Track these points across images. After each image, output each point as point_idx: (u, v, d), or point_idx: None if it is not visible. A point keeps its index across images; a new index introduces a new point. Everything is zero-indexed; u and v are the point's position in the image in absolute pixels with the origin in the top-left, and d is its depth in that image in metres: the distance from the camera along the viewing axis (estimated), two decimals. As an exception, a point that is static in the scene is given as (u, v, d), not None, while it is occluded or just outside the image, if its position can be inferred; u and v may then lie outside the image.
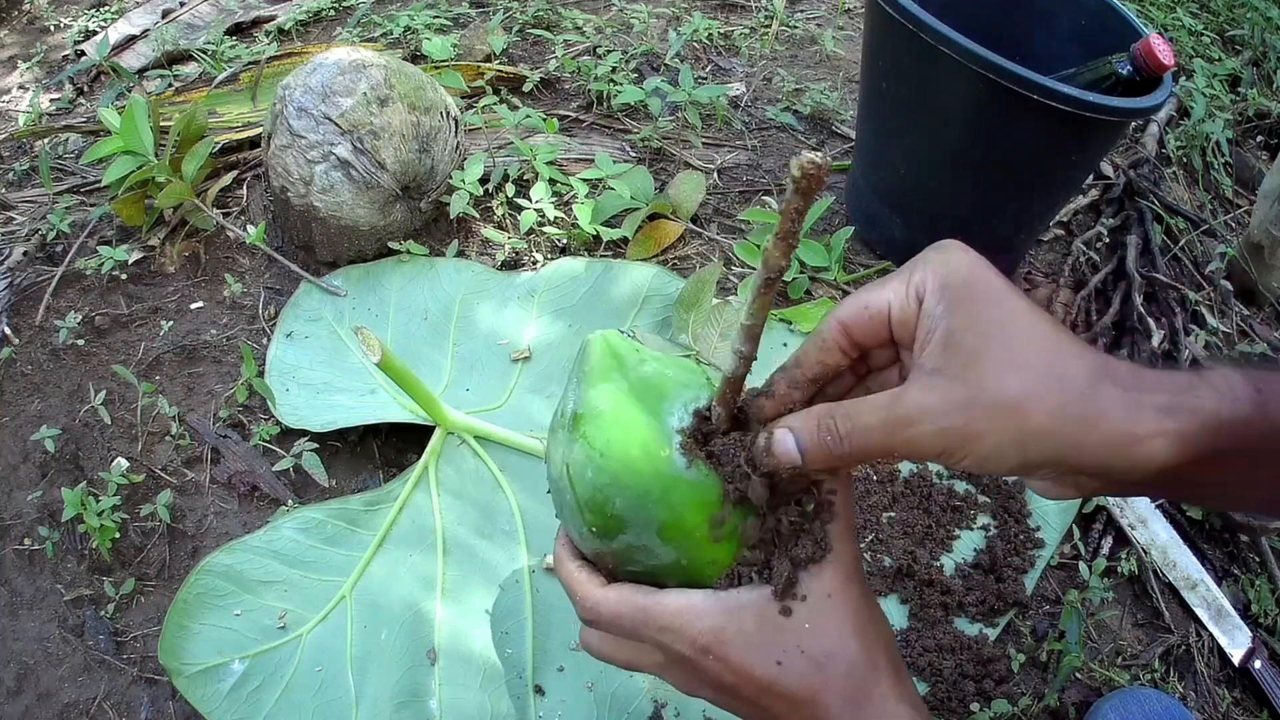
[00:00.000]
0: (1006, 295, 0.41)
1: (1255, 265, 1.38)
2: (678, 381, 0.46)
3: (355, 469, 1.07)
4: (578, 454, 0.45)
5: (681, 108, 1.46)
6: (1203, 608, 1.01)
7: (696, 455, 0.44)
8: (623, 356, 0.46)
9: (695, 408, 0.44)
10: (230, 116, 1.45)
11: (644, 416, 0.44)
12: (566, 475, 0.46)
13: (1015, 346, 0.39)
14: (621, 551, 0.47)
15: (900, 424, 0.40)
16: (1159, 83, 1.03)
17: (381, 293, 1.20)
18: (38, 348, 1.17)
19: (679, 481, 0.43)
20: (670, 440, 0.44)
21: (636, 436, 0.44)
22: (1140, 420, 0.38)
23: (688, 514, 0.44)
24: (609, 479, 0.44)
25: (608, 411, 0.45)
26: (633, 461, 0.44)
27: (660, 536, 0.45)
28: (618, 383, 0.45)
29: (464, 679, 0.88)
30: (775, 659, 0.43)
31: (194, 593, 0.90)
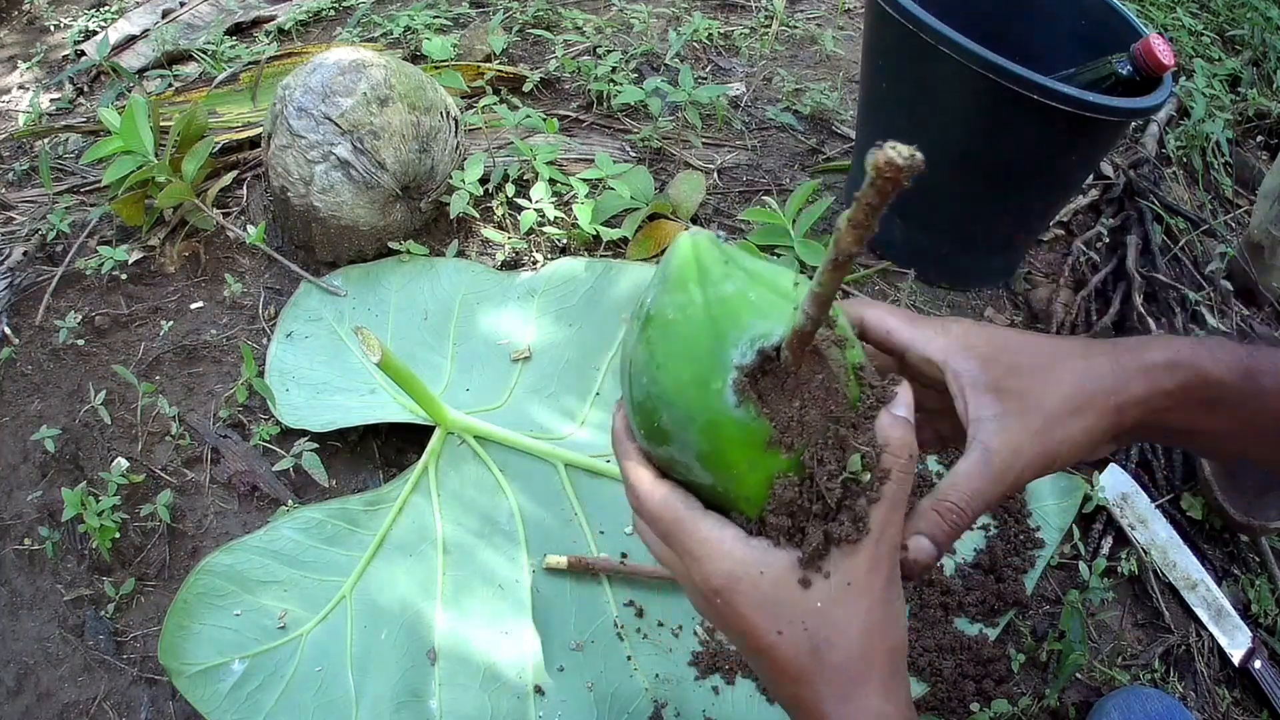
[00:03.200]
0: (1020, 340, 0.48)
1: (1255, 265, 1.38)
2: (756, 309, 0.42)
3: (355, 469, 1.07)
4: (639, 356, 0.44)
5: (681, 108, 1.46)
6: (1203, 608, 1.01)
7: (749, 396, 0.42)
8: (706, 269, 0.43)
9: (762, 345, 0.41)
10: (230, 116, 1.45)
11: (708, 341, 0.42)
12: (627, 370, 0.45)
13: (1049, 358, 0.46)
14: (665, 459, 0.46)
15: (1005, 475, 0.45)
16: (1159, 83, 1.03)
17: (381, 293, 1.20)
18: (38, 348, 1.17)
19: (726, 417, 0.42)
20: (727, 373, 0.41)
21: (693, 360, 0.42)
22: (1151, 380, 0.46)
23: (730, 450, 0.42)
24: (659, 392, 0.43)
25: (674, 324, 0.43)
26: (684, 385, 0.42)
27: (700, 462, 0.44)
28: (692, 296, 0.42)
29: (464, 679, 0.88)
30: (778, 628, 0.43)
31: (194, 593, 0.90)
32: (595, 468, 1.02)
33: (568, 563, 0.94)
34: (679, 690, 0.88)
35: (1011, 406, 0.45)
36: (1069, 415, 0.45)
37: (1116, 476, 1.09)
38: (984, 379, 0.46)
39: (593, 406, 1.08)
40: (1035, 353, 0.47)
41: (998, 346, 0.47)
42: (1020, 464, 0.45)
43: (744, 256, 0.44)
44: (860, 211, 0.33)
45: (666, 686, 0.89)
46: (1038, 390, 0.45)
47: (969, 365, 0.46)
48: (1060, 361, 0.46)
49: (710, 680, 0.89)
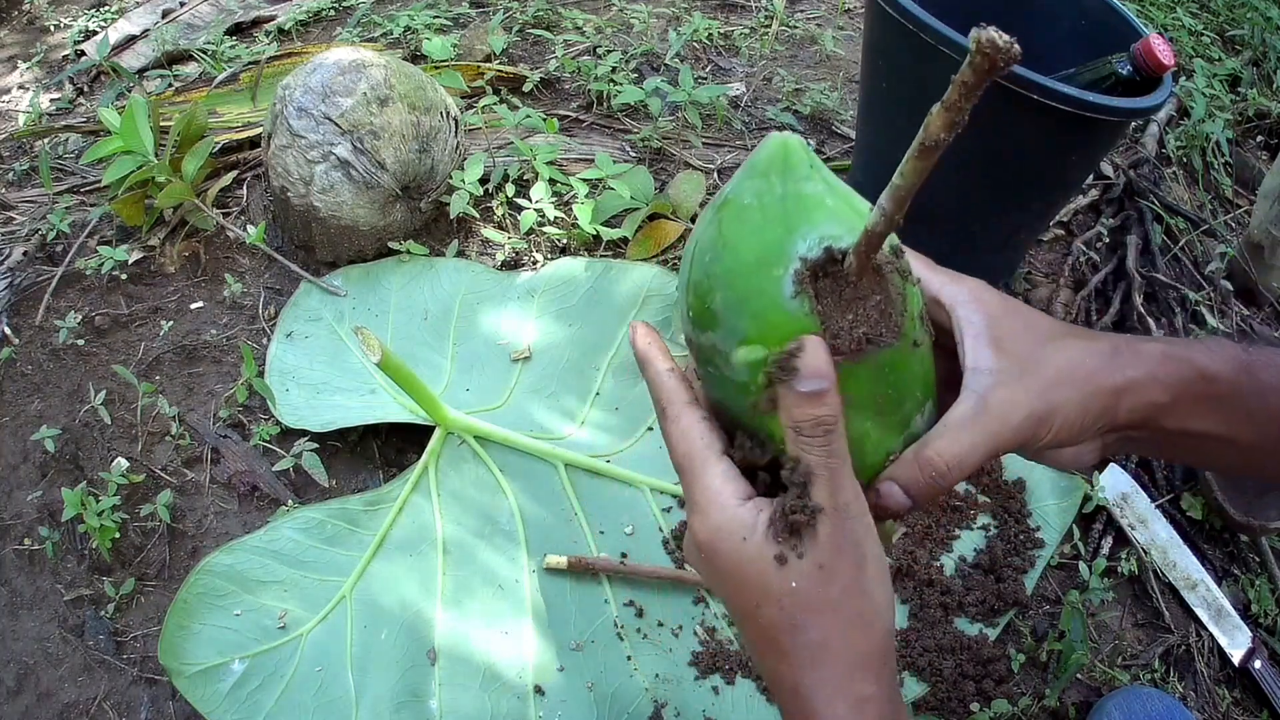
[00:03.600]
0: (1028, 308, 0.48)
1: (1255, 265, 1.38)
2: (831, 213, 0.42)
3: (355, 469, 1.07)
4: (707, 236, 0.44)
5: (681, 108, 1.46)
6: (1203, 608, 1.01)
7: (806, 289, 0.41)
8: (792, 165, 0.42)
9: (830, 245, 0.41)
10: (230, 116, 1.45)
11: (778, 228, 0.42)
12: (692, 250, 0.45)
13: (1049, 332, 0.46)
14: (705, 349, 0.45)
15: (997, 432, 0.43)
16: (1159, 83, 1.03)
17: (381, 293, 1.20)
18: (38, 348, 1.17)
19: (779, 306, 0.41)
20: (790, 263, 0.41)
21: (760, 243, 0.42)
22: (1149, 365, 0.45)
23: (773, 341, 0.42)
24: (720, 271, 0.42)
25: (748, 209, 0.42)
26: (745, 266, 0.42)
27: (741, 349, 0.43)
28: (772, 185, 0.42)
29: (464, 679, 0.88)
30: (755, 600, 0.43)
31: (194, 593, 0.90)
32: (595, 468, 1.02)
33: (568, 563, 0.94)
34: (679, 690, 0.88)
35: (1010, 365, 0.44)
36: (1065, 385, 0.44)
37: (1116, 476, 1.09)
38: (988, 333, 0.45)
39: (593, 406, 1.08)
40: (1039, 323, 0.47)
41: (1006, 309, 0.47)
42: (1012, 423, 0.44)
43: (826, 169, 0.43)
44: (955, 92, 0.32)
45: (666, 686, 0.89)
46: (1038, 356, 0.45)
47: (976, 316, 0.46)
48: (1062, 336, 0.46)
49: (710, 680, 0.89)
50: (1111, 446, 0.49)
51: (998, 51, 0.31)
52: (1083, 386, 0.44)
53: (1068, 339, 0.46)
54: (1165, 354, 0.46)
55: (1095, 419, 0.45)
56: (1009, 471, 1.06)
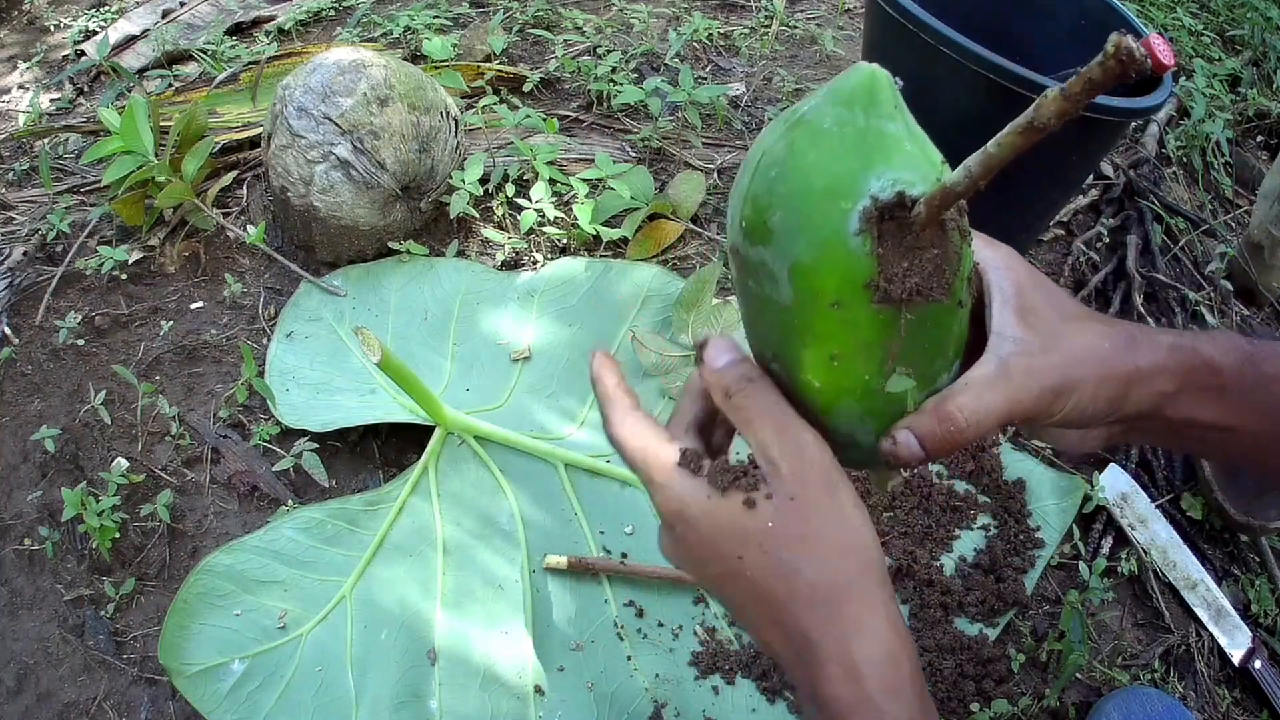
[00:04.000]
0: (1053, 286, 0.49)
1: (1255, 265, 1.38)
2: (908, 157, 0.41)
3: (355, 469, 1.07)
4: (777, 149, 0.43)
5: (681, 108, 1.46)
6: (1203, 608, 1.01)
7: (871, 228, 0.40)
8: (878, 99, 0.41)
9: (904, 189, 0.41)
10: (230, 116, 1.45)
11: (854, 161, 0.41)
12: (756, 160, 0.44)
13: (1073, 313, 0.47)
14: (753, 263, 0.44)
15: (1016, 396, 0.44)
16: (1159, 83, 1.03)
17: (381, 293, 1.20)
18: (38, 348, 1.17)
19: (838, 237, 0.41)
20: (860, 199, 0.40)
21: (833, 173, 0.41)
22: (1157, 355, 0.46)
23: (824, 271, 0.41)
24: (786, 190, 0.42)
25: (827, 133, 0.41)
26: (813, 191, 0.41)
27: (791, 275, 0.42)
28: (856, 117, 0.41)
29: (464, 679, 0.88)
30: (738, 552, 0.43)
31: (194, 593, 0.90)
32: (595, 468, 1.02)
33: (568, 563, 0.94)
34: (679, 690, 0.88)
35: (1033, 337, 0.45)
36: (1083, 366, 0.45)
37: (1116, 476, 1.09)
38: (1015, 301, 0.46)
39: (592, 407, 1.08)
40: (1063, 301, 0.48)
41: (1034, 281, 0.47)
42: (1031, 391, 0.44)
43: (910, 114, 0.43)
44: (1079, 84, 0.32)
45: (666, 686, 0.89)
46: (1060, 332, 0.46)
47: (1006, 283, 0.47)
48: (1084, 317, 0.47)
49: (710, 680, 0.89)
50: (1117, 435, 0.49)
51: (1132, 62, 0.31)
52: (1099, 370, 0.45)
53: (1088, 321, 0.47)
54: (1173, 344, 0.47)
55: (1107, 404, 0.45)
56: (1009, 471, 1.06)
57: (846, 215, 0.40)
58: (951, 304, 0.43)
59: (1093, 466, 1.10)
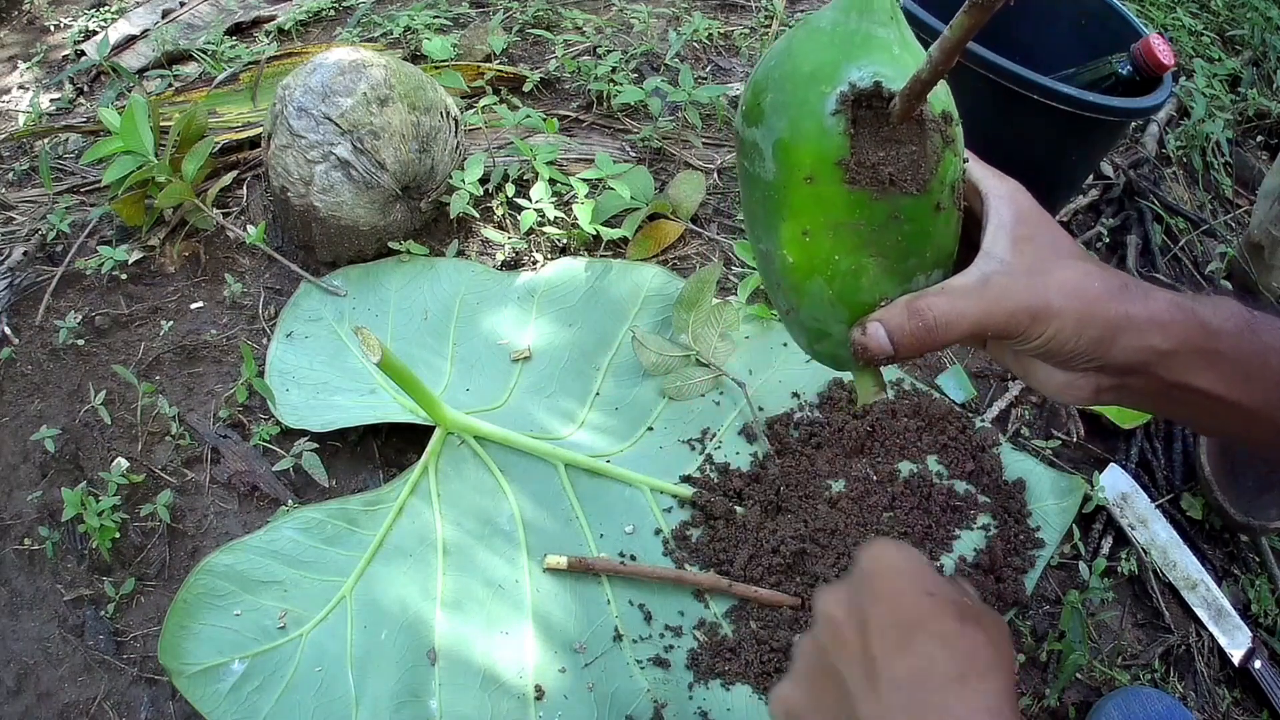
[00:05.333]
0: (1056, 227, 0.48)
1: (1255, 265, 1.38)
2: (894, 58, 0.45)
3: (355, 469, 1.07)
4: (780, 44, 0.47)
5: (681, 108, 1.46)
6: (1203, 608, 1.01)
7: (846, 111, 0.44)
8: (873, 7, 0.45)
9: (880, 80, 0.44)
10: (230, 116, 1.45)
11: (838, 53, 0.44)
12: (765, 55, 0.48)
13: (1068, 251, 0.47)
14: (748, 144, 0.48)
15: (989, 308, 0.44)
16: (1159, 83, 1.03)
17: (381, 293, 1.20)
18: (38, 348, 1.17)
19: (815, 116, 0.44)
20: (839, 84, 0.44)
21: (818, 60, 0.44)
22: (1154, 307, 0.45)
23: (803, 147, 0.45)
24: (777, 75, 0.46)
25: (820, 30, 0.45)
26: (799, 75, 0.45)
27: (775, 150, 0.46)
28: (849, 18, 0.45)
29: (464, 679, 0.88)
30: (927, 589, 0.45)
31: (194, 593, 0.90)
32: (596, 468, 1.02)
33: (568, 563, 0.94)
34: (679, 691, 0.88)
35: (1021, 261, 0.46)
36: (1067, 297, 0.45)
37: (1116, 476, 1.09)
38: (1011, 228, 0.47)
39: (592, 407, 1.08)
40: (1062, 240, 0.48)
41: (1037, 216, 0.48)
42: (1006, 306, 0.44)
43: (909, 30, 0.46)
44: None
45: (667, 687, 0.89)
46: (1050, 263, 0.46)
47: (1006, 210, 0.47)
48: (1080, 258, 0.47)
49: (710, 681, 0.89)
50: (1107, 390, 0.49)
51: None
52: (1084, 305, 0.45)
53: (1084, 261, 0.47)
54: (1172, 301, 0.46)
55: (1090, 344, 0.45)
56: (1009, 471, 1.06)
57: (825, 97, 0.44)
58: (926, 202, 0.45)
59: (1093, 466, 1.10)
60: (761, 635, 0.91)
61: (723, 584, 0.94)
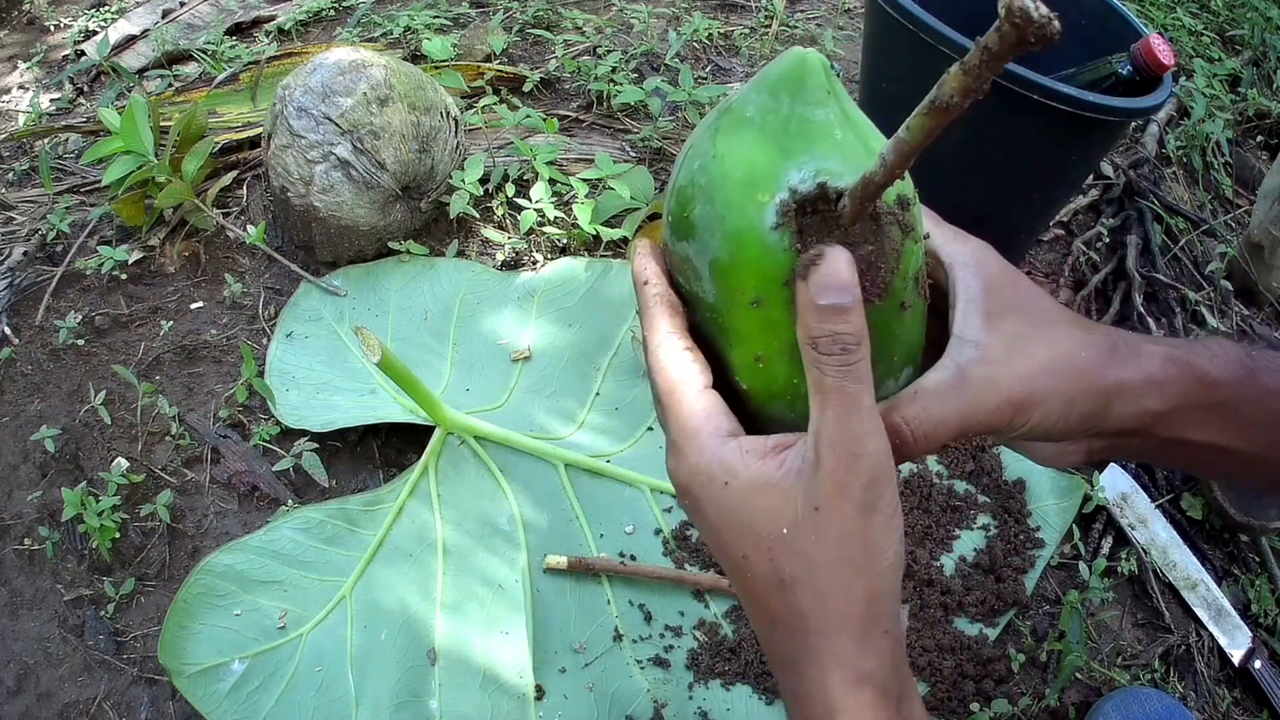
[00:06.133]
0: (1030, 284, 0.44)
1: (1255, 265, 1.38)
2: (836, 147, 0.38)
3: (355, 469, 1.07)
4: (700, 141, 0.41)
5: (681, 108, 1.46)
6: (1203, 608, 1.01)
7: (790, 222, 0.38)
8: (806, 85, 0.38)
9: (826, 180, 0.37)
10: (230, 116, 1.45)
11: (774, 151, 0.38)
12: (685, 154, 0.42)
13: (1051, 323, 0.43)
14: (679, 259, 0.42)
15: (970, 410, 0.40)
16: (1159, 83, 1.03)
17: (381, 293, 1.20)
18: (38, 348, 1.17)
19: (756, 233, 0.38)
20: (778, 190, 0.38)
21: (751, 163, 0.38)
22: (1147, 367, 0.43)
23: (745, 270, 0.39)
24: (705, 181, 0.39)
25: (748, 121, 0.39)
26: (731, 182, 0.38)
27: (711, 272, 0.40)
28: (780, 103, 0.38)
29: (464, 679, 0.88)
30: (743, 550, 0.38)
31: (194, 593, 0.90)
32: (596, 468, 1.02)
33: (568, 563, 0.94)
34: (679, 691, 0.88)
35: (998, 342, 0.41)
36: (1053, 376, 0.41)
37: (1116, 476, 1.09)
38: (982, 302, 0.42)
39: (592, 408, 1.08)
40: (1038, 303, 0.43)
41: (1007, 280, 0.43)
42: (989, 404, 0.40)
43: (848, 98, 0.40)
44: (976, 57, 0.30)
45: (666, 687, 0.89)
46: (1029, 338, 0.41)
47: (974, 281, 0.42)
48: (1060, 322, 0.43)
49: (710, 681, 0.89)
50: (1100, 450, 0.46)
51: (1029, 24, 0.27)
52: (1072, 382, 0.41)
53: (1065, 326, 0.43)
54: (1166, 357, 0.43)
55: (1081, 419, 0.42)
56: (1009, 471, 1.06)
57: (763, 209, 0.38)
58: (889, 305, 0.39)
59: (1093, 466, 1.10)
60: (761, 635, 0.91)
61: (723, 584, 0.94)
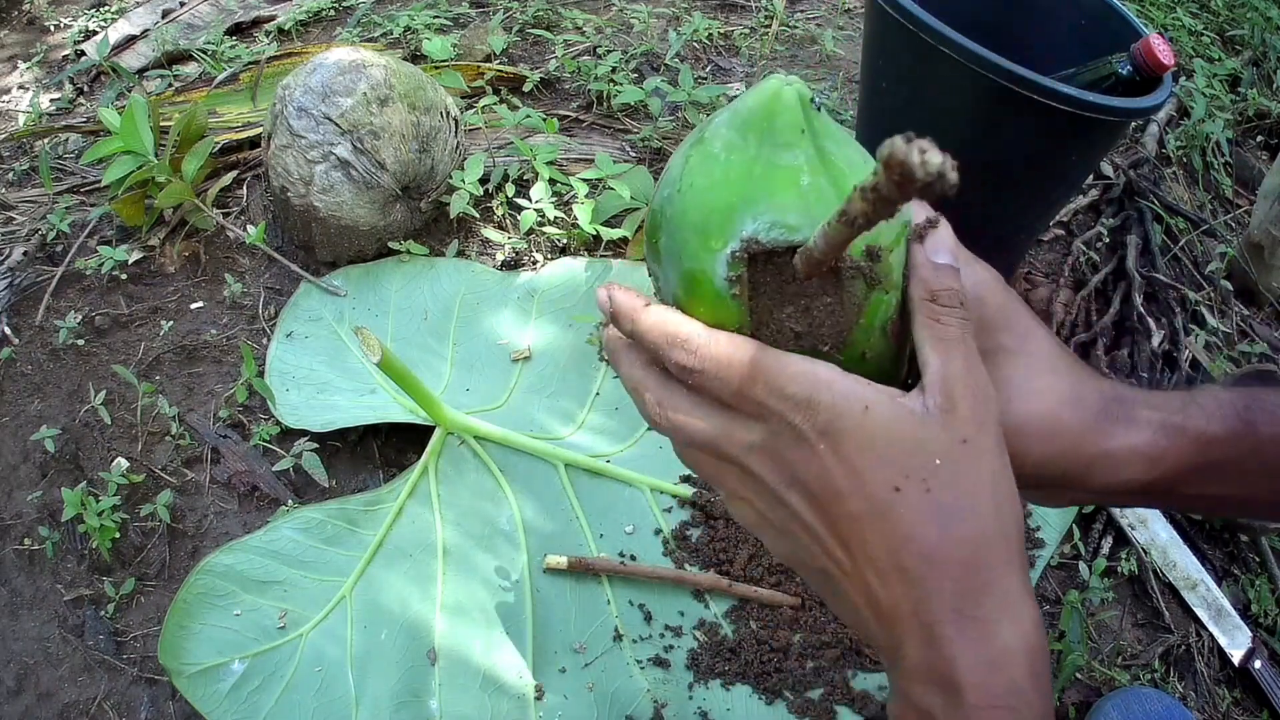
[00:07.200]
0: (1031, 322, 0.42)
1: (1255, 265, 1.38)
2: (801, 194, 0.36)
3: (355, 469, 1.07)
4: (675, 165, 0.40)
5: (681, 108, 1.46)
6: (1203, 608, 1.01)
7: (739, 278, 0.37)
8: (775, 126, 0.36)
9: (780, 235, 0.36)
10: (230, 116, 1.45)
11: (732, 197, 0.36)
12: (666, 170, 0.41)
13: (1040, 373, 0.41)
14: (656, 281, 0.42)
15: None
16: (1159, 83, 1.03)
17: (381, 293, 1.20)
18: (38, 348, 1.17)
19: (708, 278, 0.37)
20: (730, 241, 0.36)
21: (708, 208, 0.37)
22: (1136, 440, 0.41)
23: (699, 311, 0.38)
24: (669, 213, 0.39)
25: (714, 159, 0.37)
26: (688, 224, 0.38)
27: (673, 301, 0.40)
28: (747, 144, 0.37)
29: (464, 679, 0.88)
30: (894, 482, 0.35)
31: (194, 593, 0.90)
32: (596, 468, 1.02)
33: (568, 563, 0.94)
34: (679, 691, 0.88)
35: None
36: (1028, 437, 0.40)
37: (1116, 476, 1.08)
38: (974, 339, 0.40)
39: (592, 408, 1.08)
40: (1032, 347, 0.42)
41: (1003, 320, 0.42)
42: None
43: (832, 134, 0.37)
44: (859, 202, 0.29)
45: (667, 687, 0.89)
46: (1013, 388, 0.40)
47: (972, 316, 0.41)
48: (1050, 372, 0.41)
49: (710, 681, 0.89)
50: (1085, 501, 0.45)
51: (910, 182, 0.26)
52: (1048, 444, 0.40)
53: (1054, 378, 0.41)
54: (1160, 427, 0.42)
55: (1058, 477, 0.41)
56: (1009, 471, 1.06)
57: (715, 256, 0.37)
58: (849, 356, 0.38)
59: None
60: (761, 635, 0.91)
61: (723, 584, 0.94)
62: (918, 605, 0.35)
